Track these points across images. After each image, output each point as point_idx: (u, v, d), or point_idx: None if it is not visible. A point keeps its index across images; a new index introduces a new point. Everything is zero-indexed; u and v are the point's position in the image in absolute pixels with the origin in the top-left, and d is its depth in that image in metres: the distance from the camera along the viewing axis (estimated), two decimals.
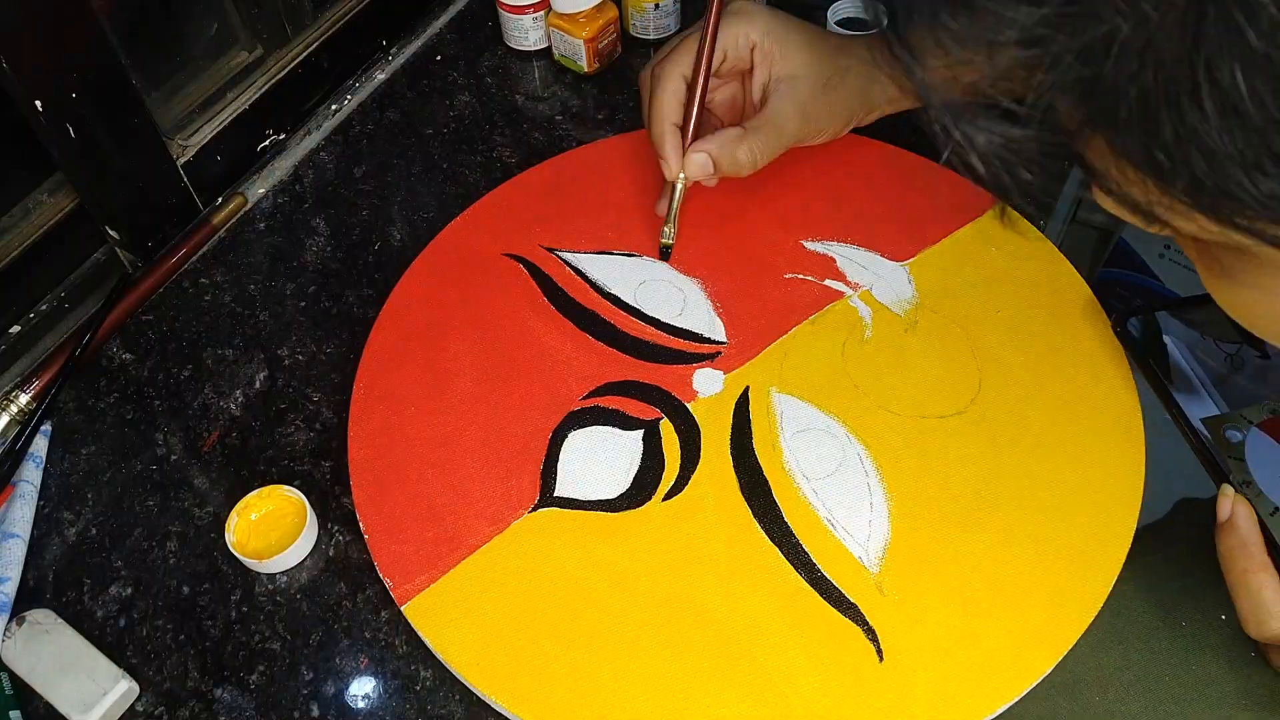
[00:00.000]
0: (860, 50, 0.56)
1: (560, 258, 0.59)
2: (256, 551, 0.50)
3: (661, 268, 0.58)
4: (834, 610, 0.46)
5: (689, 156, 0.54)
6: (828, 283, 0.57)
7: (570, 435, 0.52)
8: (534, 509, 0.50)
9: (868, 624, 0.45)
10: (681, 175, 0.55)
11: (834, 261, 0.58)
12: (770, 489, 0.49)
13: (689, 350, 0.55)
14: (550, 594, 0.47)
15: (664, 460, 0.51)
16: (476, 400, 0.54)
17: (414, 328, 0.57)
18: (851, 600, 0.46)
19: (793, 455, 0.51)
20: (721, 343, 0.55)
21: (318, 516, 0.52)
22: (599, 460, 0.51)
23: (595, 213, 0.61)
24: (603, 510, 0.49)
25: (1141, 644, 0.51)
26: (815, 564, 0.47)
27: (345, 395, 0.55)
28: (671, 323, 0.56)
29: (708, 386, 0.53)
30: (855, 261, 0.58)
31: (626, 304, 0.57)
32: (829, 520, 0.48)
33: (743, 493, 0.49)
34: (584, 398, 0.53)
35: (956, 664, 0.44)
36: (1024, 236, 0.59)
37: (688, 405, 0.53)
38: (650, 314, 0.56)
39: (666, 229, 0.56)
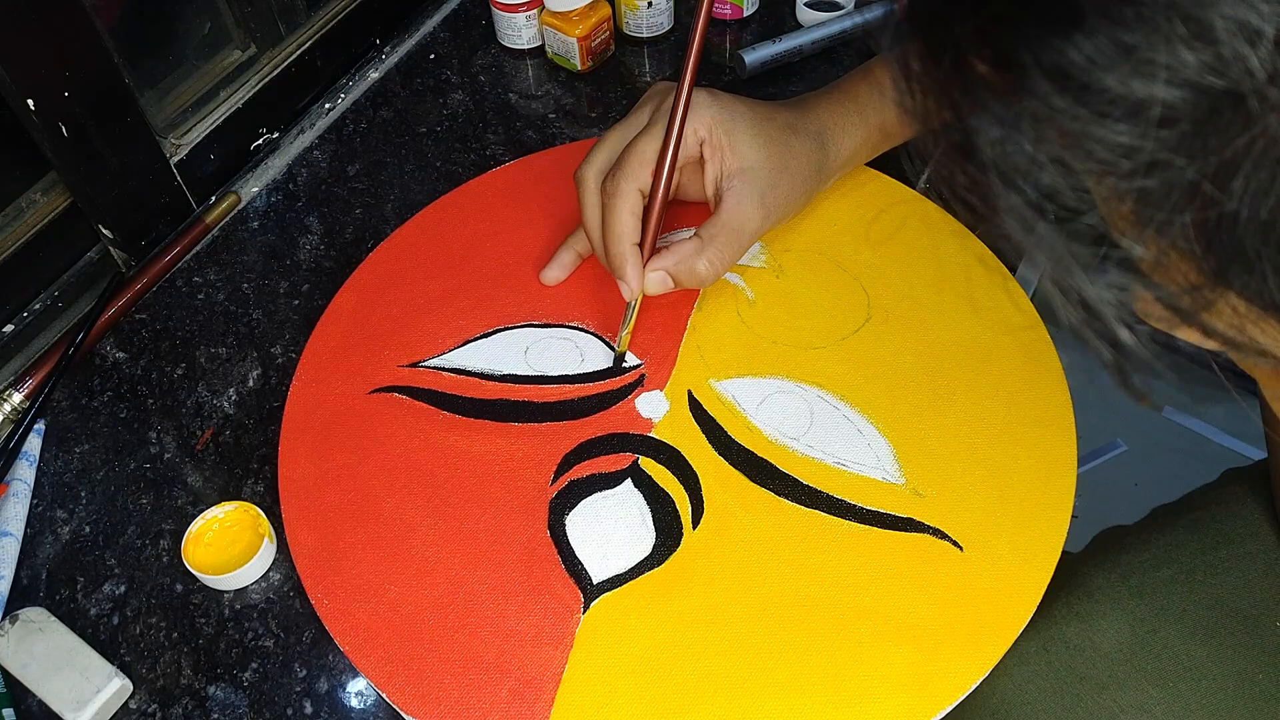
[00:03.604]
0: (810, 124, 0.55)
1: (428, 367, 0.55)
2: (214, 567, 0.50)
3: (532, 329, 0.56)
4: (899, 533, 0.48)
5: (646, 276, 0.51)
6: None
7: (567, 522, 0.49)
8: (586, 609, 0.46)
9: (930, 527, 0.48)
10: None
11: None
12: (774, 465, 0.50)
13: (616, 387, 0.53)
14: (664, 664, 0.44)
15: (667, 493, 0.49)
16: (444, 545, 0.48)
17: (333, 504, 0.50)
18: (905, 516, 0.48)
19: (769, 427, 0.51)
20: (637, 365, 0.54)
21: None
22: (611, 527, 0.49)
23: (433, 308, 0.57)
24: (650, 569, 0.47)
25: (1233, 640, 0.51)
26: (856, 505, 0.49)
27: None
28: (581, 371, 0.54)
29: (655, 410, 0.52)
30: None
31: (527, 376, 0.54)
32: (839, 463, 0.50)
33: (755, 482, 0.50)
34: (553, 481, 0.50)
35: (1016, 506, 0.48)
36: None
37: (651, 434, 0.51)
38: (556, 373, 0.54)
39: (622, 336, 0.53)
